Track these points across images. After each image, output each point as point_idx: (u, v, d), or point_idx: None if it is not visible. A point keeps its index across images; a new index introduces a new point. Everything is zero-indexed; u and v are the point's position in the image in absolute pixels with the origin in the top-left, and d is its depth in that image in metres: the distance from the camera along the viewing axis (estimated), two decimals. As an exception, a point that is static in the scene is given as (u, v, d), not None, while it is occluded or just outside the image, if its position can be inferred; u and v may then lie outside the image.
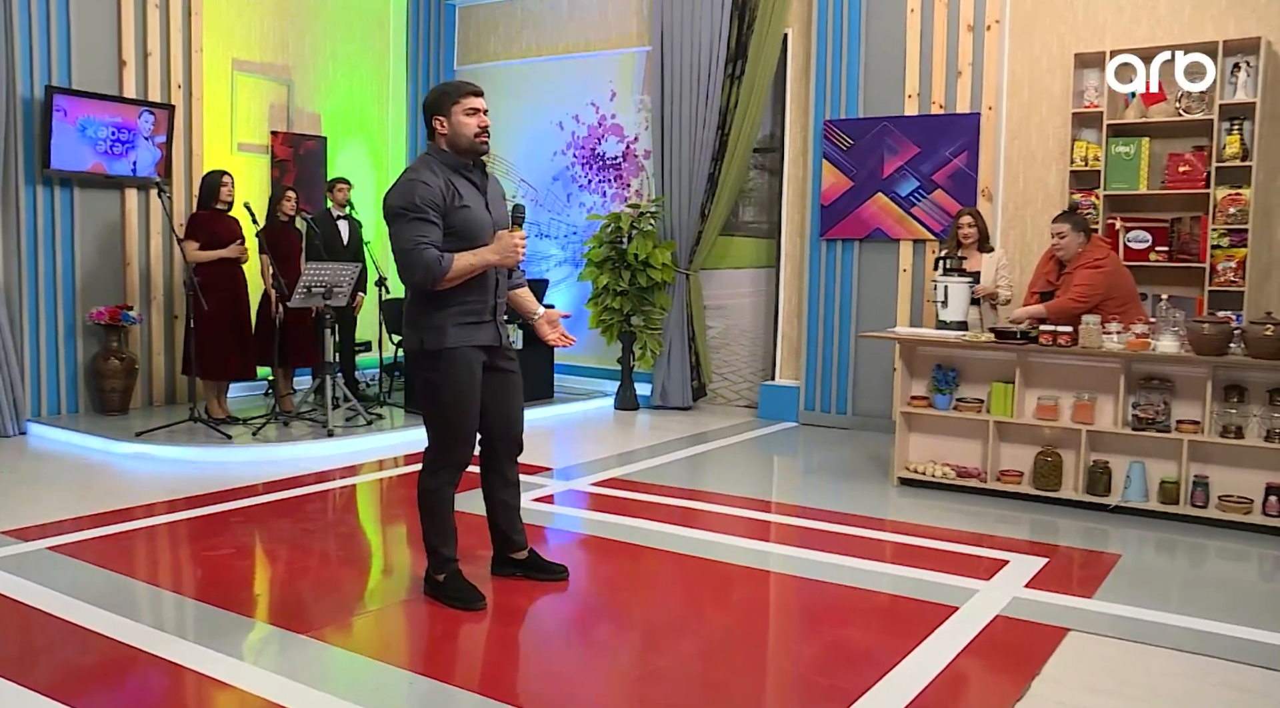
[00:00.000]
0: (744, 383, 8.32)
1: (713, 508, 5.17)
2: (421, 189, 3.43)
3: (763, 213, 8.14)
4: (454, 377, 3.56)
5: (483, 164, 3.66)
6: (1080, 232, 5.40)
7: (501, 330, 3.67)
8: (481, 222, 3.54)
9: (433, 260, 3.40)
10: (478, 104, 3.56)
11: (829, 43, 7.40)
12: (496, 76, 9.38)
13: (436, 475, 3.66)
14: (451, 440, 3.63)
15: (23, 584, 3.78)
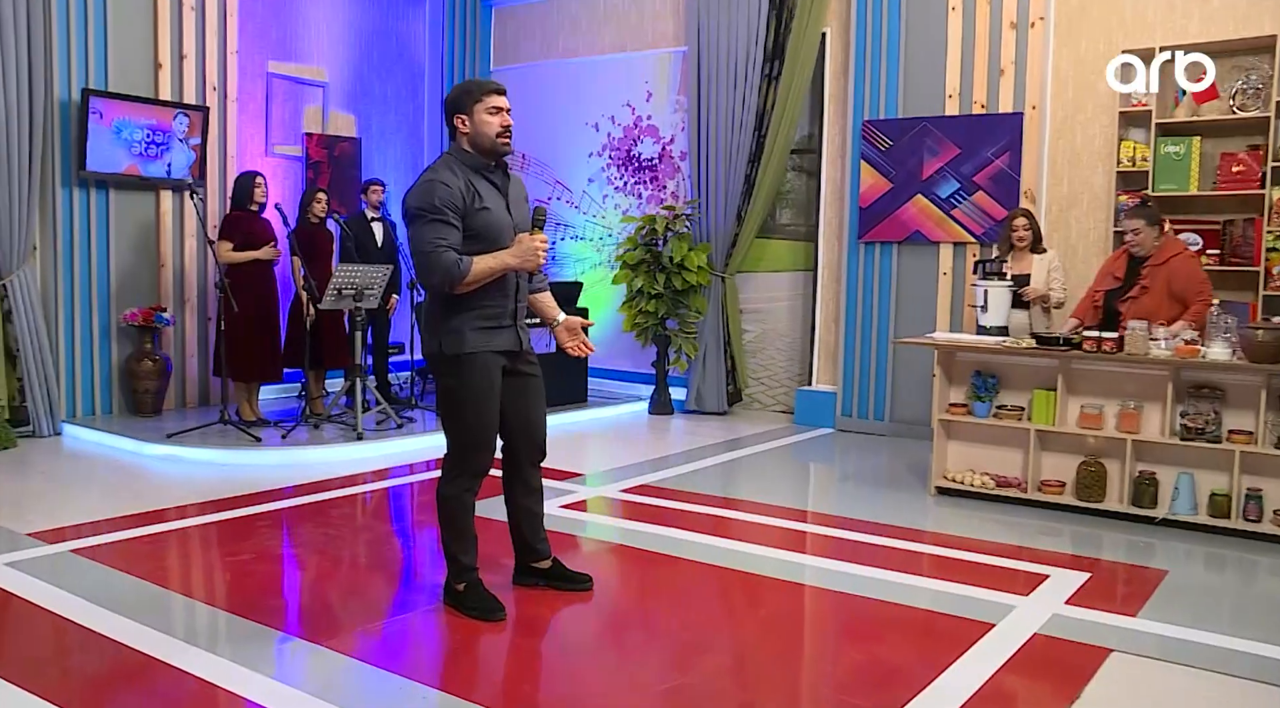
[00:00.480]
0: (780, 388, 8.18)
1: (746, 517, 5.04)
2: (441, 190, 3.36)
3: (800, 215, 8.01)
4: (472, 382, 3.49)
5: (505, 164, 3.58)
6: (1155, 226, 5.22)
7: (522, 335, 3.59)
8: (502, 224, 3.46)
9: (451, 263, 3.33)
10: (500, 103, 3.48)
11: (868, 42, 7.25)
12: (532, 77, 9.33)
13: (455, 482, 3.59)
14: (470, 447, 3.55)
15: (42, 588, 3.76)
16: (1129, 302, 5.26)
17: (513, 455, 3.75)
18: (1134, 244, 5.26)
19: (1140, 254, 5.26)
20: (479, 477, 3.60)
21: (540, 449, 3.78)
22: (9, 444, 6.20)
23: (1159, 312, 5.14)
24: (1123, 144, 6.29)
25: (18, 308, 6.41)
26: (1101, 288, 5.45)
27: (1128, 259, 5.35)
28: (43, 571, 3.96)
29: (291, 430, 6.44)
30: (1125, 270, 5.35)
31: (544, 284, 3.79)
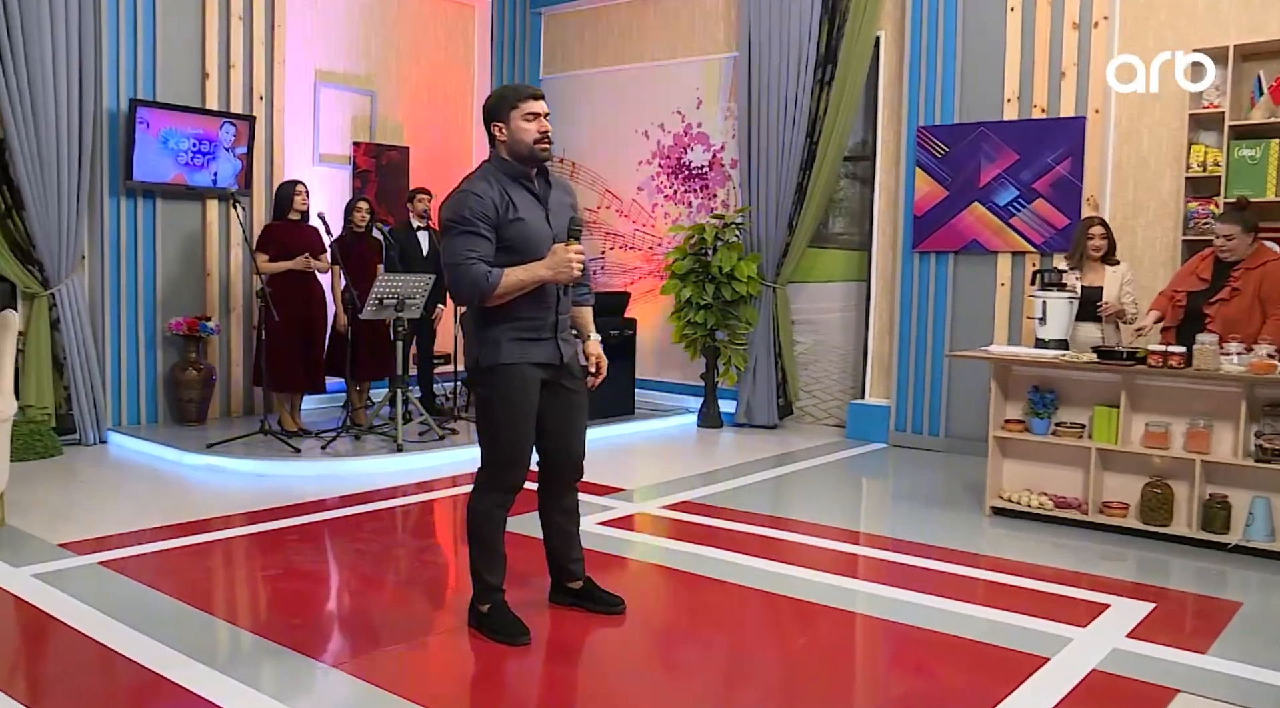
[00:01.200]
0: (833, 401, 7.96)
1: (793, 537, 4.83)
2: (473, 201, 3.26)
3: (853, 224, 7.79)
4: (507, 394, 3.37)
5: (547, 172, 3.46)
6: (1250, 232, 4.94)
7: (564, 348, 3.45)
8: (538, 235, 3.33)
9: (479, 276, 3.22)
10: (538, 108, 3.35)
11: (923, 45, 7.02)
12: (581, 85, 9.23)
13: (486, 497, 3.46)
14: (502, 462, 3.42)
15: (65, 601, 3.70)
16: (1217, 304, 4.97)
17: (548, 473, 3.63)
18: (1225, 250, 4.97)
19: (1231, 259, 4.97)
20: (511, 493, 3.47)
21: (577, 468, 3.64)
22: (54, 452, 6.22)
23: (1248, 317, 4.87)
24: (1193, 148, 5.99)
25: (65, 316, 6.44)
26: (1185, 288, 5.15)
27: (1214, 262, 5.07)
28: (67, 583, 3.91)
29: (331, 441, 6.38)
30: (1212, 273, 5.06)
31: (587, 298, 3.66)
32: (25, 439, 6.08)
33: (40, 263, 6.34)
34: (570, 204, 3.52)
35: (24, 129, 6.18)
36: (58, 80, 6.29)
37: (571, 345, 3.52)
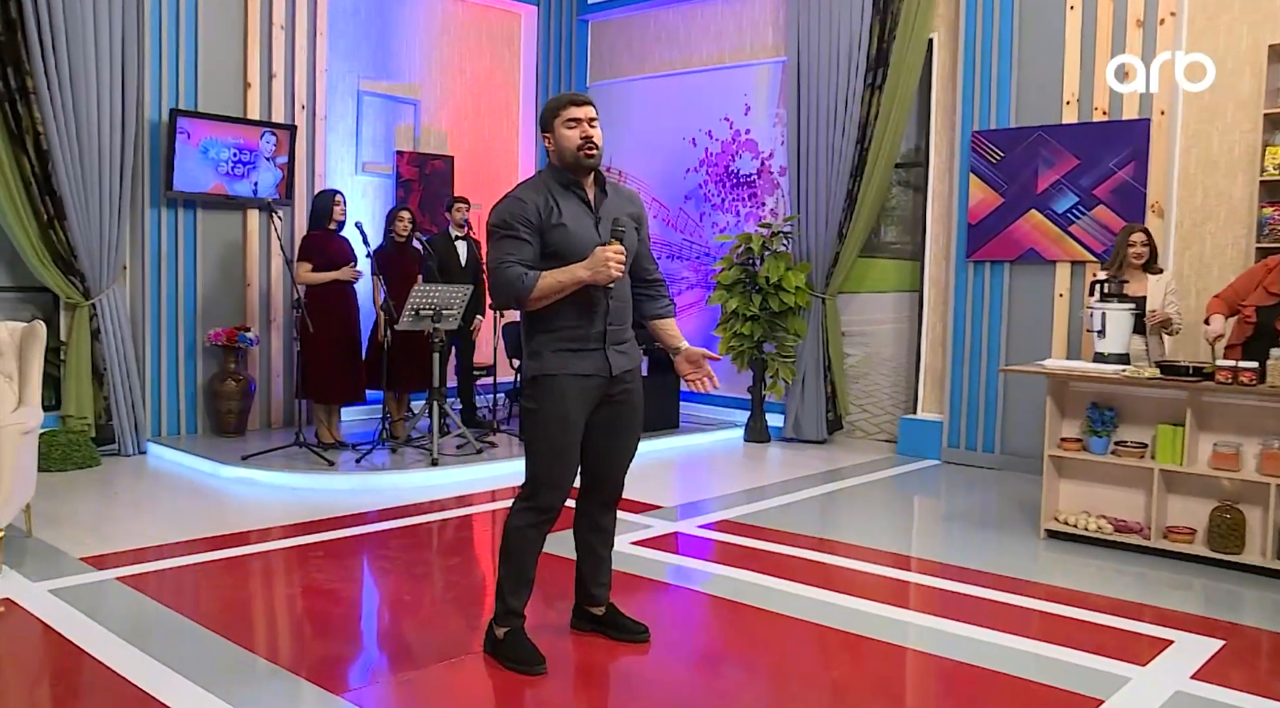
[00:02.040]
0: (884, 415, 7.70)
1: (838, 561, 4.59)
2: (515, 206, 3.20)
3: (906, 233, 7.53)
4: (549, 407, 3.22)
5: (602, 180, 3.33)
6: None
7: (614, 360, 3.28)
8: (583, 241, 3.19)
9: (515, 277, 3.11)
10: (578, 114, 3.23)
11: (978, 47, 6.76)
12: (628, 92, 9.09)
13: (522, 514, 3.31)
14: (541, 479, 3.27)
15: (74, 618, 3.62)
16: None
17: (586, 490, 3.48)
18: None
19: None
20: (548, 514, 3.30)
21: (616, 487, 3.48)
22: (92, 463, 6.20)
23: None
24: (1268, 150, 5.66)
25: (106, 327, 6.43)
26: (1254, 303, 4.83)
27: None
28: (80, 599, 3.83)
29: (366, 454, 6.28)
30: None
31: (664, 310, 3.51)
32: (63, 450, 6.08)
33: (81, 273, 6.34)
34: (631, 213, 3.37)
35: (66, 140, 6.19)
36: (100, 91, 6.30)
37: (629, 358, 3.35)
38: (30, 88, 6.06)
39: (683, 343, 3.48)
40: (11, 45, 6.01)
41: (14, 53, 6.02)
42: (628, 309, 3.37)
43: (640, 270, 3.46)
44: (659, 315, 3.51)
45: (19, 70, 6.04)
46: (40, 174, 6.15)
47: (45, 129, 6.11)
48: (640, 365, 3.46)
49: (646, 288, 3.50)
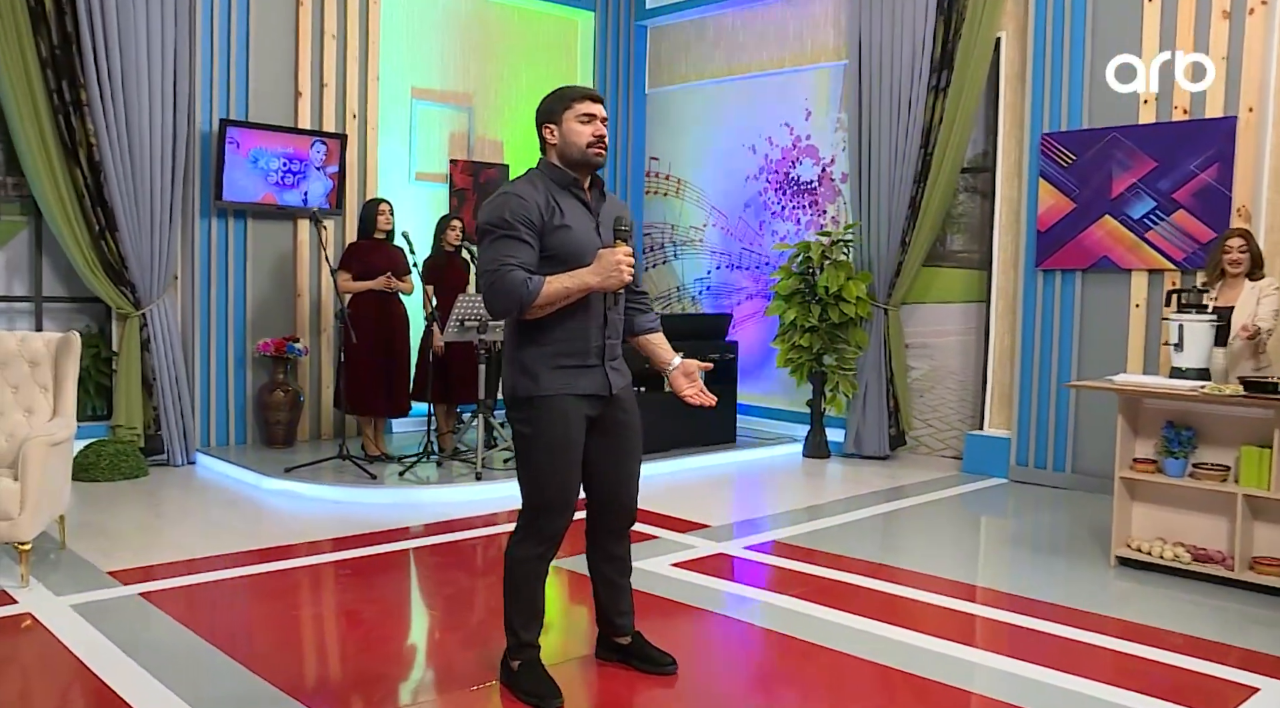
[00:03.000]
0: (950, 431, 7.36)
1: (898, 590, 4.28)
2: (514, 203, 2.94)
3: (974, 240, 7.20)
4: (546, 430, 3.01)
5: (600, 182, 3.12)
6: None
7: (613, 378, 3.08)
8: (587, 244, 2.99)
9: (518, 283, 2.86)
10: (593, 110, 3.03)
11: (1048, 45, 6.42)
12: (686, 99, 8.91)
13: (523, 545, 3.11)
14: (541, 506, 3.07)
15: (89, 635, 3.53)
16: None
17: (594, 517, 3.26)
18: None
19: None
20: (551, 542, 3.10)
21: (628, 514, 3.26)
22: (139, 473, 6.19)
23: None
24: (1364, 150, 5.25)
25: (156, 337, 6.43)
26: None
27: None
28: (99, 616, 3.74)
29: (410, 467, 6.16)
30: None
31: (655, 324, 3.29)
32: (111, 460, 6.08)
33: (132, 284, 6.35)
34: (619, 216, 3.16)
35: (119, 151, 6.22)
36: (152, 103, 6.32)
37: (623, 375, 3.16)
38: (84, 100, 6.09)
39: (677, 357, 3.23)
40: (67, 59, 6.06)
41: (69, 66, 6.07)
42: (621, 323, 3.16)
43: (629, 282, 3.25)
44: (650, 330, 3.28)
45: (74, 84, 6.08)
46: (92, 186, 6.18)
47: (98, 141, 6.14)
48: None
49: (634, 301, 3.27)
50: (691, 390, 3.21)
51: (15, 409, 4.55)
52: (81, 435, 6.20)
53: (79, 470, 6.04)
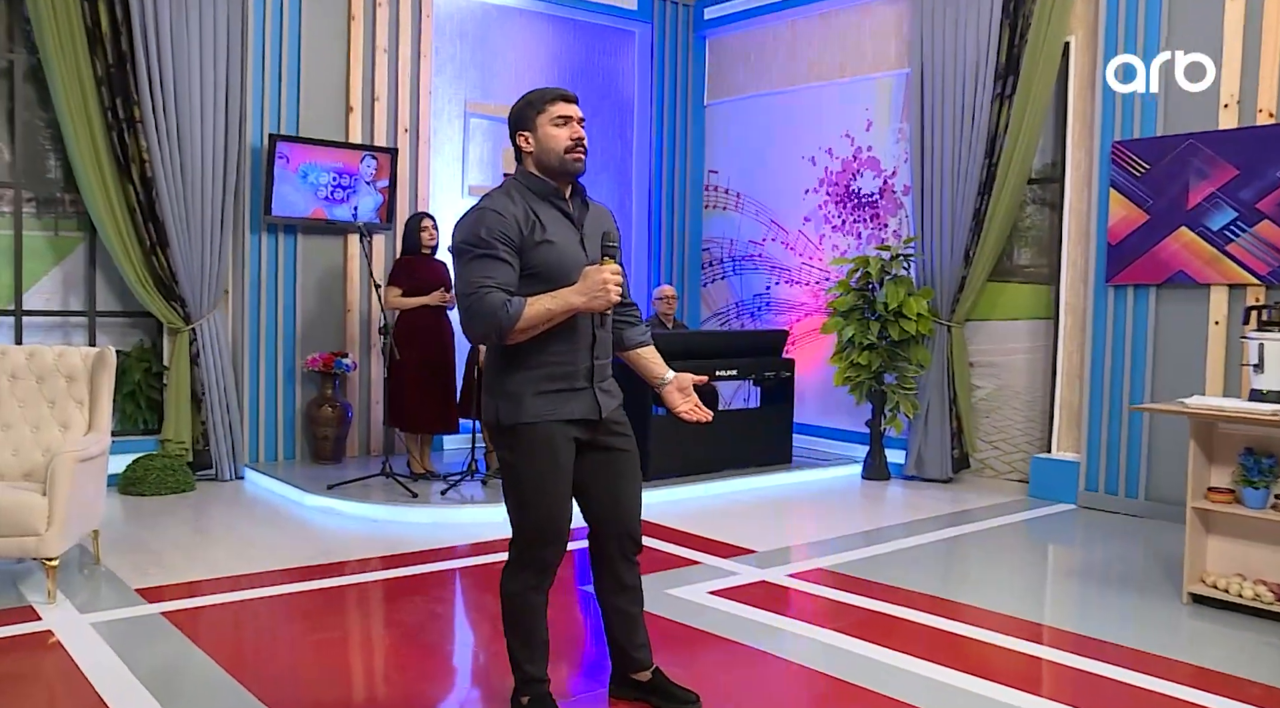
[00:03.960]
0: (1016, 453, 7.03)
1: (954, 627, 3.98)
2: (491, 219, 2.75)
3: (1041, 254, 6.88)
4: (533, 458, 2.84)
5: (582, 191, 2.93)
6: None
7: (603, 400, 2.90)
8: (571, 260, 2.80)
9: (496, 306, 2.69)
10: (568, 111, 2.84)
11: (1119, 47, 6.10)
12: (746, 110, 8.72)
13: (517, 577, 2.94)
14: (532, 537, 2.90)
15: (103, 655, 3.47)
16: None
17: (598, 546, 3.07)
18: None
19: None
20: (545, 573, 2.93)
21: (633, 540, 3.06)
22: (186, 488, 6.18)
23: None
24: None
25: (205, 351, 6.44)
26: None
27: None
28: (118, 634, 3.69)
29: (453, 486, 6.06)
30: None
31: (645, 337, 3.11)
32: (159, 474, 6.08)
33: (182, 298, 6.37)
34: (609, 231, 2.97)
35: (170, 167, 6.25)
36: (204, 119, 6.35)
37: (614, 396, 2.97)
38: (137, 117, 6.14)
39: (669, 372, 3.05)
40: (121, 77, 6.12)
41: (124, 84, 6.12)
42: (610, 342, 2.98)
43: None
44: (640, 344, 3.08)
45: (127, 101, 6.14)
46: (144, 201, 6.22)
47: (150, 157, 6.19)
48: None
49: (622, 314, 3.08)
50: (686, 406, 3.03)
51: (51, 424, 4.55)
52: (132, 449, 6.29)
53: (126, 484, 6.08)
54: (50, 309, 6.35)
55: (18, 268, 6.18)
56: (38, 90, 6.17)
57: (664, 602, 4.20)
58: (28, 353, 4.62)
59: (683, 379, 3.04)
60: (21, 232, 6.20)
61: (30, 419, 4.54)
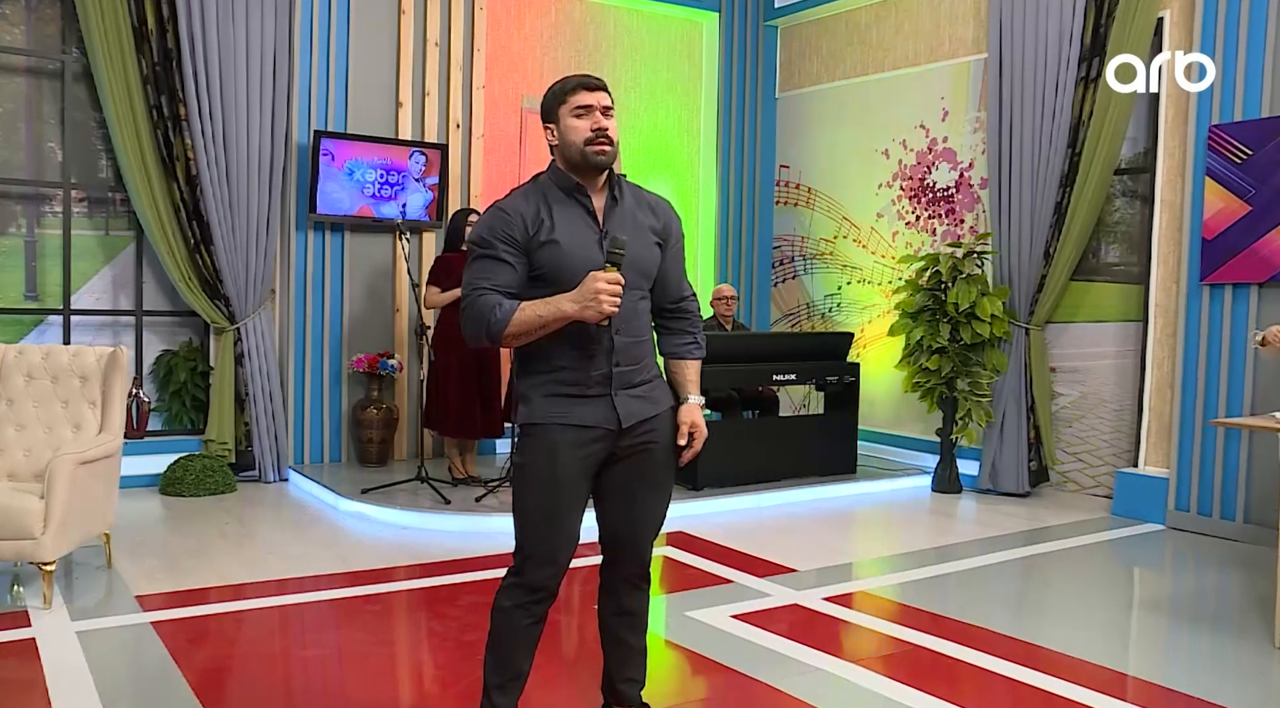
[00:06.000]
0: (1103, 467, 6.47)
1: (1012, 671, 3.50)
2: (497, 220, 2.56)
3: (1132, 251, 6.32)
4: (537, 463, 2.60)
5: (617, 185, 2.65)
6: None
7: (622, 408, 2.60)
8: (581, 262, 2.53)
9: (486, 309, 2.50)
10: (589, 100, 2.58)
11: (1219, 22, 5.53)
12: (817, 101, 8.32)
13: (508, 592, 2.68)
14: (527, 550, 2.64)
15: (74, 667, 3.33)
16: None
17: (605, 566, 2.81)
18: None
19: None
20: (537, 595, 2.64)
21: (637, 563, 2.78)
22: (226, 489, 6.11)
23: None
24: None
25: (250, 352, 6.36)
26: None
27: None
28: (98, 644, 3.55)
29: (490, 492, 5.84)
30: None
31: (686, 348, 2.81)
32: (198, 475, 6.02)
33: (226, 298, 6.30)
34: (653, 226, 2.68)
35: (215, 166, 6.20)
36: (250, 116, 6.28)
37: (647, 402, 2.66)
38: (183, 115, 6.10)
39: (690, 396, 2.75)
40: (167, 75, 6.08)
41: (169, 82, 6.09)
42: (644, 345, 2.67)
43: (663, 297, 2.76)
44: (677, 354, 2.79)
45: (173, 99, 6.10)
46: (189, 200, 6.18)
47: (195, 156, 6.14)
48: (672, 410, 2.75)
49: (667, 318, 2.80)
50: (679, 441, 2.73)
51: (64, 425, 4.47)
52: (176, 449, 6.25)
53: (166, 485, 6.04)
54: (98, 309, 6.34)
55: (66, 268, 6.20)
56: (88, 90, 6.17)
57: (679, 625, 3.89)
58: (44, 352, 4.56)
59: (688, 413, 2.74)
60: (70, 231, 6.21)
61: (44, 420, 4.47)
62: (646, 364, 2.67)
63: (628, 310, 2.57)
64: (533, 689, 2.79)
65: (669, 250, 2.73)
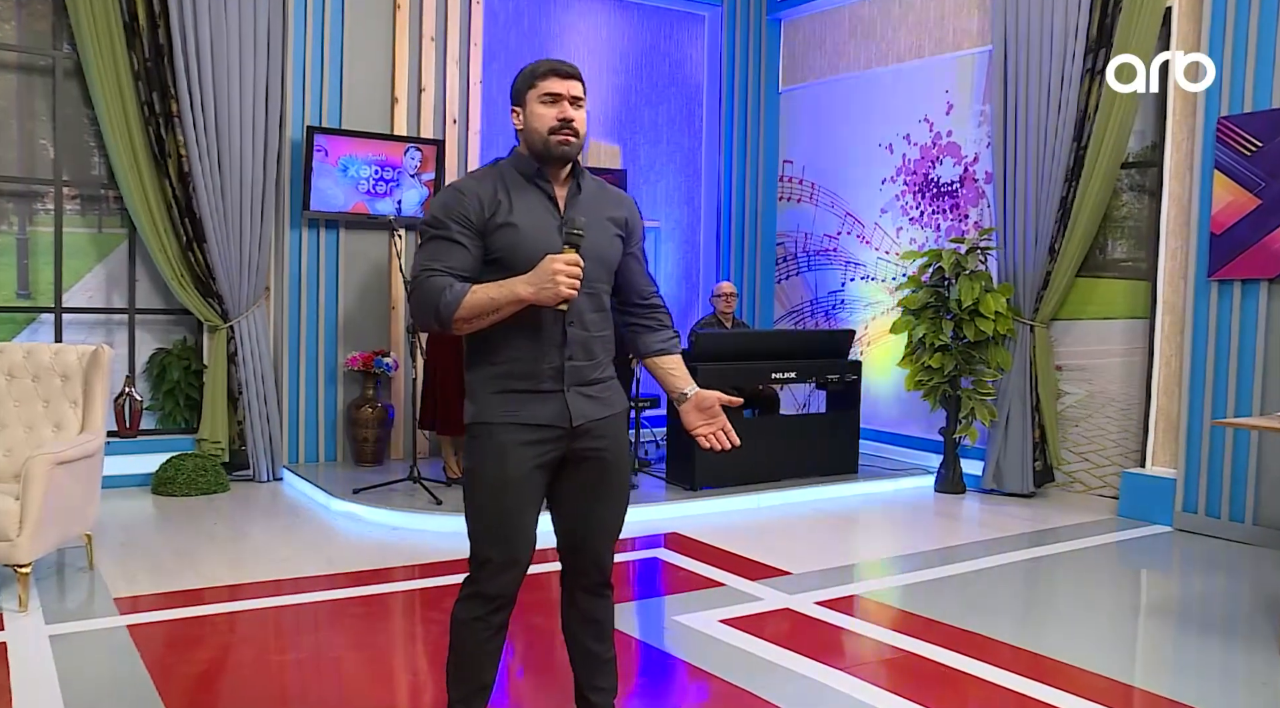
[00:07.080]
0: (1109, 467, 6.34)
1: (1007, 679, 3.38)
2: (452, 199, 2.45)
3: (1139, 247, 6.18)
4: (486, 465, 2.48)
5: (579, 172, 2.55)
6: None
7: (574, 407, 2.49)
8: (537, 246, 2.41)
9: (435, 291, 2.37)
10: (559, 88, 2.47)
11: (1229, 11, 5.40)
12: (820, 96, 8.20)
13: (464, 603, 2.56)
14: (479, 557, 2.52)
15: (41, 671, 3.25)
16: None
17: (565, 574, 2.70)
18: None
19: None
20: (495, 603, 2.52)
21: (597, 569, 2.66)
22: (219, 489, 6.05)
23: None
24: None
25: (244, 350, 6.30)
26: None
27: None
28: (70, 649, 3.48)
29: (482, 492, 5.75)
30: None
31: (667, 344, 2.71)
32: (190, 475, 5.96)
33: (219, 295, 6.24)
34: (614, 217, 2.58)
35: (207, 162, 6.13)
36: (243, 113, 6.21)
37: (600, 403, 2.55)
38: (174, 112, 6.03)
39: (690, 386, 2.63)
40: (158, 71, 6.01)
41: (161, 78, 6.02)
42: (600, 342, 2.55)
43: (632, 293, 2.67)
44: (661, 351, 2.68)
45: (164, 96, 6.03)
46: (181, 197, 6.11)
47: (187, 152, 6.07)
48: (625, 413, 2.65)
49: (642, 315, 2.69)
50: (706, 429, 2.61)
51: (45, 424, 4.41)
52: (169, 448, 6.18)
53: (158, 484, 5.98)
54: (91, 307, 6.29)
55: (58, 266, 6.14)
56: (80, 87, 6.11)
57: (666, 629, 3.79)
58: (25, 351, 4.50)
59: (704, 398, 2.62)
60: (62, 229, 6.16)
61: (25, 419, 4.41)
62: (601, 363, 2.56)
63: (584, 302, 2.47)
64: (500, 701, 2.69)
65: (634, 245, 2.64)
